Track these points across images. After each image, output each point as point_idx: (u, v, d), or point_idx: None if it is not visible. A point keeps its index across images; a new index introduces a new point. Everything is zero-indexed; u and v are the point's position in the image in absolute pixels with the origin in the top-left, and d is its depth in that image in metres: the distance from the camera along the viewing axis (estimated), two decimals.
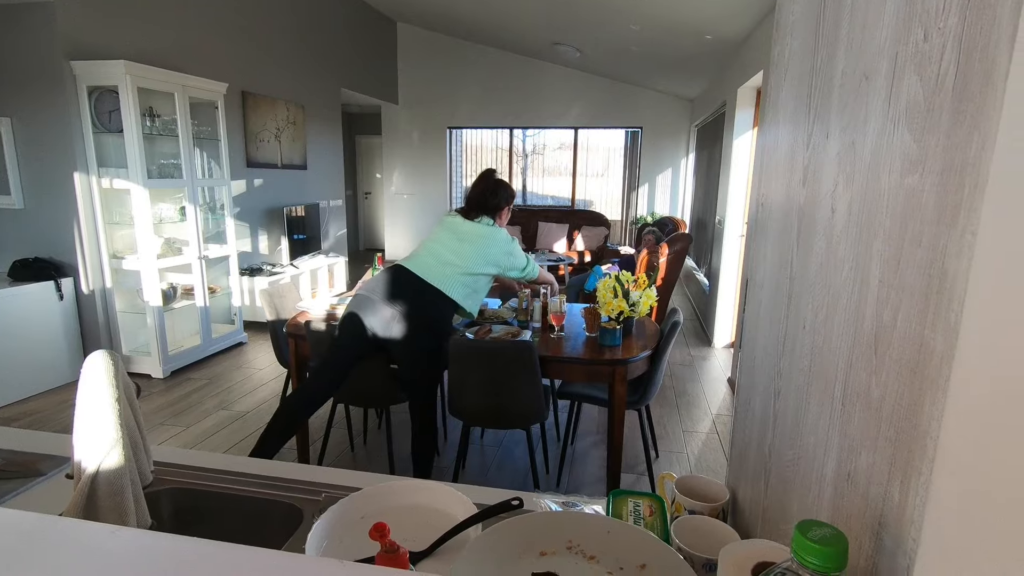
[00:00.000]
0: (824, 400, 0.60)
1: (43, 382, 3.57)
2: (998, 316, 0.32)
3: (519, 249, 2.53)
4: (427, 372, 2.39)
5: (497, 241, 2.43)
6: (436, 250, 2.39)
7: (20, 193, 3.65)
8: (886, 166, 0.49)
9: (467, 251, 2.37)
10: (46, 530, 0.46)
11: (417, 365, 2.36)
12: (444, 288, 2.32)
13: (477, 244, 2.39)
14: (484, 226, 2.41)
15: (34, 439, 1.21)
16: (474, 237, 2.39)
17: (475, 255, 2.38)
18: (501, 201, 2.46)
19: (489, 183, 2.47)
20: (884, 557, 0.45)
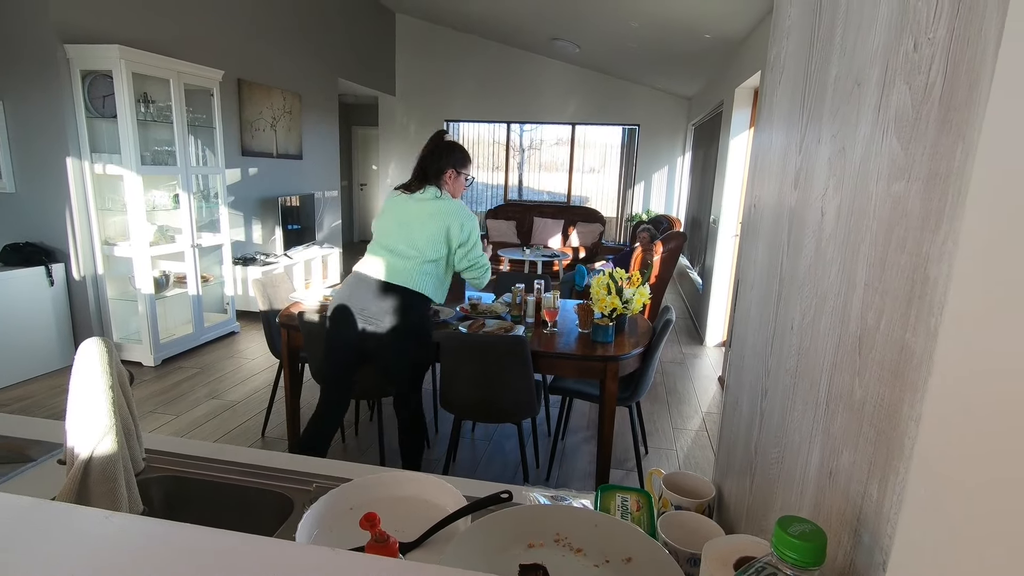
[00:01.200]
0: (809, 399, 0.61)
1: (33, 368, 3.55)
2: (976, 321, 0.33)
3: (478, 233, 2.16)
4: (414, 375, 2.25)
5: (446, 213, 2.07)
6: (390, 244, 2.12)
7: (11, 177, 3.62)
8: (874, 172, 0.50)
9: (418, 238, 2.09)
10: (40, 514, 0.46)
11: (404, 373, 2.22)
12: (413, 285, 2.10)
13: (426, 225, 2.08)
14: (430, 201, 2.09)
15: (24, 425, 1.20)
16: (423, 218, 2.08)
17: (428, 240, 2.08)
18: (444, 164, 2.11)
19: (433, 145, 2.14)
20: (862, 553, 0.47)
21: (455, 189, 2.17)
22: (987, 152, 0.33)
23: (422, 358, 2.27)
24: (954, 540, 0.32)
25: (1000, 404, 0.30)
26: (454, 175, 2.14)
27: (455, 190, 2.17)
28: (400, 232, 2.11)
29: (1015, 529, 0.28)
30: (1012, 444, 0.29)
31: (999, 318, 0.30)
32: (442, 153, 2.12)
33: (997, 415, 0.30)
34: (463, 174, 2.18)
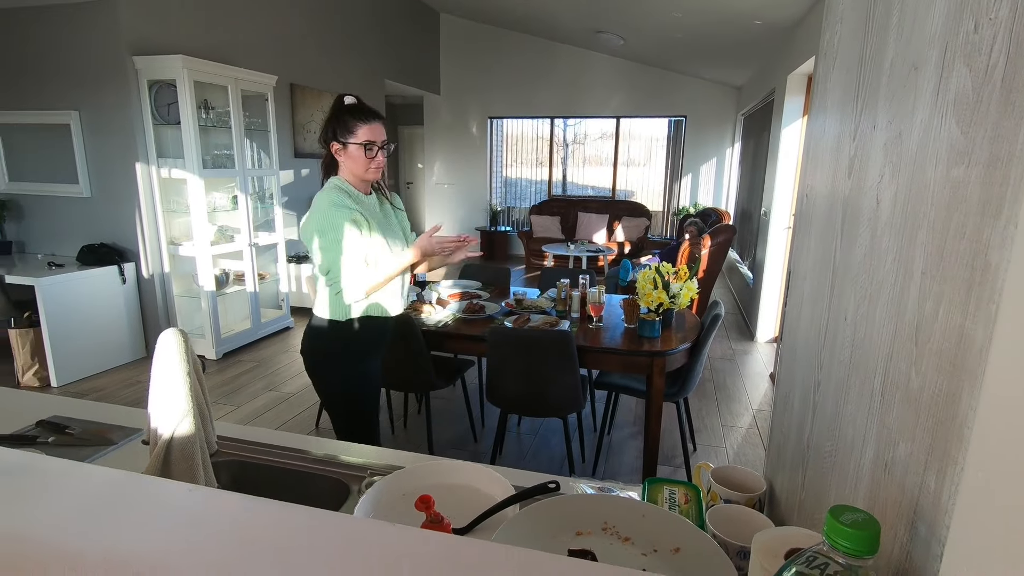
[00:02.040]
0: (864, 391, 0.60)
1: (107, 361, 3.81)
2: None
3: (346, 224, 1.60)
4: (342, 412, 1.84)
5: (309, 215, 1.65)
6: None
7: (87, 182, 3.88)
8: (932, 157, 0.49)
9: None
10: (133, 485, 0.51)
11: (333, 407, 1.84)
12: (315, 309, 1.77)
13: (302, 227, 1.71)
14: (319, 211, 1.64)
15: (106, 411, 1.30)
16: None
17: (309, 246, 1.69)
18: (329, 134, 1.65)
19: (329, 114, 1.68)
20: (918, 545, 0.46)
21: (353, 166, 1.65)
22: None
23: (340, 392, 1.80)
24: (1011, 528, 0.32)
25: None
26: (339, 149, 1.65)
27: (354, 168, 1.66)
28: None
29: None
30: None
31: None
32: (328, 122, 1.66)
33: None
34: (350, 144, 1.63)
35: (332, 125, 1.66)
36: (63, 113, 3.77)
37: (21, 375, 3.53)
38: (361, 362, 1.79)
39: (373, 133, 1.65)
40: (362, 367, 1.79)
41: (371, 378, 1.84)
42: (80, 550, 0.45)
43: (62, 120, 3.79)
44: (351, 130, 1.64)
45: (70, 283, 3.54)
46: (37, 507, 0.49)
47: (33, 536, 0.46)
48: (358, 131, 1.64)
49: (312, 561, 0.45)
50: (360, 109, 1.66)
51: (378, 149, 1.66)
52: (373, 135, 1.65)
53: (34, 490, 0.51)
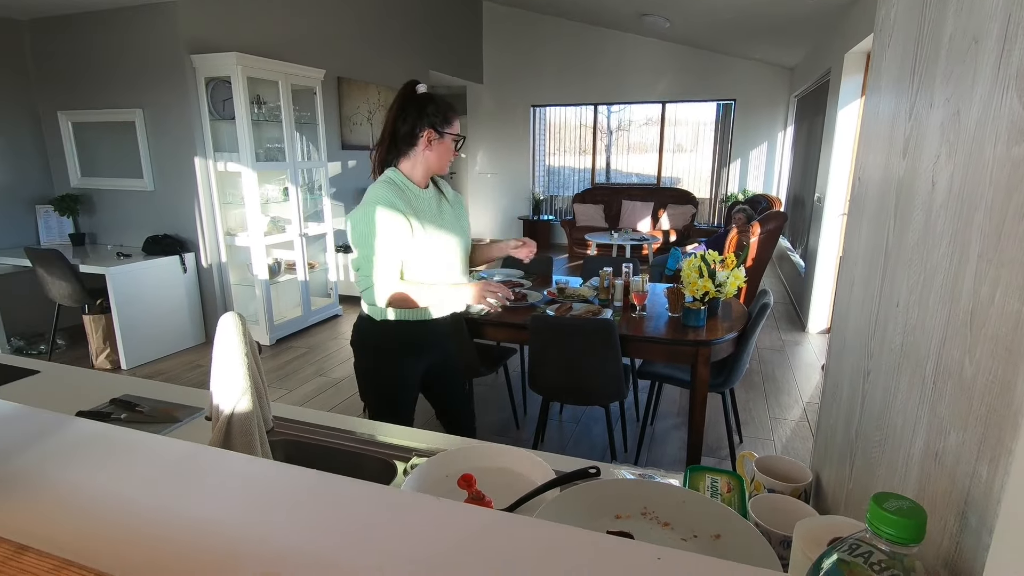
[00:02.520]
0: (915, 379, 0.58)
1: (170, 345, 4.03)
2: None
3: (379, 245, 1.55)
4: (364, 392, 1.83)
5: (353, 227, 1.59)
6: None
7: (151, 176, 4.10)
8: (992, 135, 0.47)
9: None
10: (200, 455, 0.56)
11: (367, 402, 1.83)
12: (364, 302, 1.73)
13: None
14: (363, 205, 1.59)
15: (171, 391, 1.39)
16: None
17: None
18: (417, 124, 1.57)
19: (402, 99, 1.60)
20: (968, 536, 0.45)
21: (440, 157, 1.63)
22: None
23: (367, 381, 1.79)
24: None
25: None
26: (434, 136, 1.59)
27: (440, 159, 1.63)
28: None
29: None
30: None
31: None
32: (412, 108, 1.59)
33: None
34: (447, 134, 1.61)
35: (431, 113, 1.59)
36: (128, 111, 3.99)
37: (95, 358, 3.79)
38: (396, 364, 1.72)
39: (460, 128, 1.69)
40: (397, 369, 1.73)
41: (406, 383, 1.76)
42: (152, 508, 0.49)
43: (127, 118, 4.01)
44: (450, 121, 1.62)
45: (137, 272, 3.77)
46: (118, 470, 0.54)
47: (117, 493, 0.51)
48: (455, 123, 1.64)
49: (359, 527, 0.48)
50: (452, 103, 1.67)
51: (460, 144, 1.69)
52: (460, 130, 1.69)
53: (114, 456, 0.56)
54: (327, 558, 0.45)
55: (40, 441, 0.58)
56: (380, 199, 1.56)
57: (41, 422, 0.62)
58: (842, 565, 0.47)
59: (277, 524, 0.48)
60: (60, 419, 0.62)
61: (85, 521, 0.46)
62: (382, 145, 1.65)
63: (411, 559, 0.45)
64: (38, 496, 0.49)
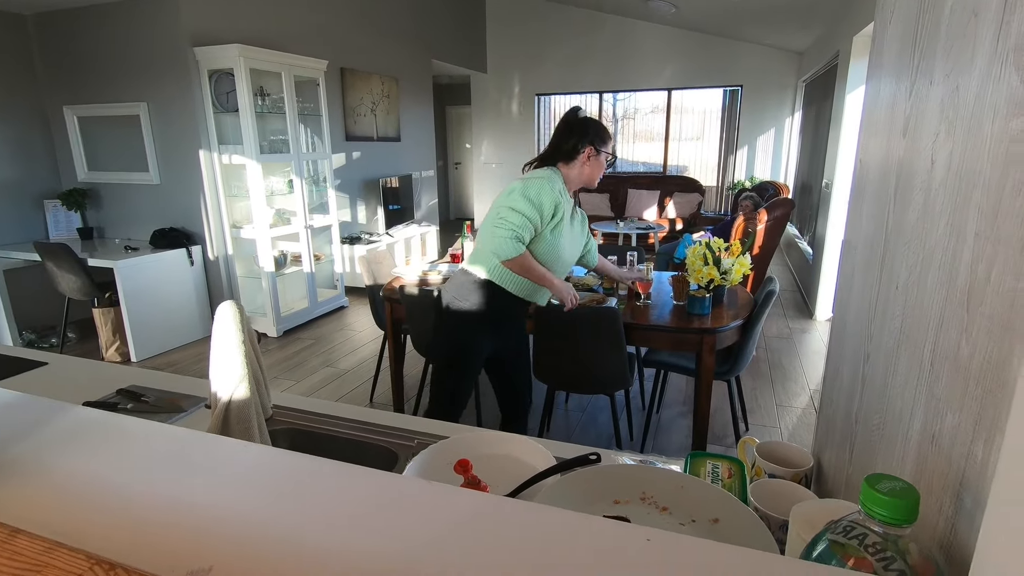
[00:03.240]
0: (913, 362, 0.57)
1: (179, 338, 4.07)
2: None
3: (527, 208, 1.78)
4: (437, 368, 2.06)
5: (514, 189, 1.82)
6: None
7: (156, 170, 4.12)
8: (990, 111, 0.46)
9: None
10: (195, 441, 0.56)
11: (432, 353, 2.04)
12: (471, 267, 1.93)
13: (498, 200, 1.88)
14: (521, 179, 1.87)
15: (177, 382, 1.40)
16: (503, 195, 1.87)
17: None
18: (579, 142, 1.87)
19: (566, 122, 1.92)
20: (963, 517, 0.44)
21: (594, 170, 1.92)
22: None
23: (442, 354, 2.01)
24: None
25: None
26: (593, 153, 1.89)
27: (594, 172, 1.92)
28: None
29: None
30: None
31: None
32: (573, 129, 1.89)
33: None
34: (603, 152, 1.92)
35: (590, 131, 1.89)
36: (133, 105, 4.00)
37: (105, 351, 3.83)
38: (479, 330, 1.94)
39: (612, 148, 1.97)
40: (476, 335, 1.95)
41: (480, 351, 1.98)
42: (144, 492, 0.49)
43: (132, 111, 4.02)
44: (606, 141, 1.92)
45: (144, 265, 3.79)
46: (113, 456, 0.55)
47: (110, 479, 0.51)
48: (609, 143, 1.94)
49: (351, 511, 0.48)
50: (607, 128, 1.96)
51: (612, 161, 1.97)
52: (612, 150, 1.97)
53: (112, 443, 0.57)
54: (318, 541, 0.45)
55: (38, 429, 0.59)
56: (548, 178, 1.84)
57: (40, 410, 0.63)
58: (836, 547, 0.47)
59: (270, 508, 0.48)
60: (59, 407, 0.63)
61: (77, 505, 0.47)
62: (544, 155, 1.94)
63: (403, 542, 0.45)
64: (33, 482, 0.50)
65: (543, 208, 1.81)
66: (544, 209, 1.81)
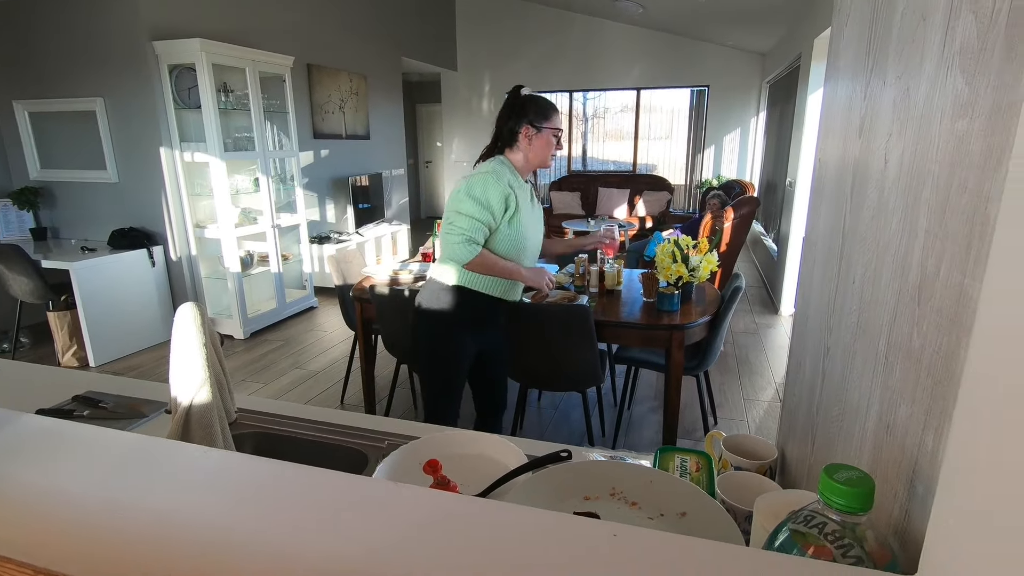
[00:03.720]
0: (869, 354, 0.59)
1: (141, 341, 3.94)
2: (1022, 257, 0.31)
3: (474, 208, 1.71)
4: (424, 379, 2.01)
5: (459, 190, 1.76)
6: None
7: (115, 167, 3.97)
8: (938, 111, 0.47)
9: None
10: (153, 448, 0.54)
11: (416, 364, 2.01)
12: (438, 274, 1.88)
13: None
14: (466, 177, 1.79)
15: (138, 386, 1.36)
16: (451, 196, 1.81)
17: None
18: (516, 124, 1.75)
19: (505, 105, 1.80)
20: (916, 504, 0.46)
21: (539, 150, 1.77)
22: None
23: (426, 365, 1.96)
24: (995, 474, 0.32)
25: None
26: (532, 132, 1.75)
27: (539, 152, 1.78)
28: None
29: None
30: None
31: None
32: (513, 111, 1.76)
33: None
34: (544, 129, 1.75)
35: (527, 109, 1.76)
36: (88, 100, 3.85)
37: (61, 356, 3.68)
38: (458, 335, 1.89)
39: (561, 123, 1.81)
40: (457, 340, 1.90)
41: (466, 354, 1.93)
42: (101, 502, 0.48)
43: (87, 107, 3.87)
44: (548, 117, 1.77)
45: (102, 267, 3.66)
46: (66, 465, 0.53)
47: (63, 489, 0.49)
48: (554, 119, 1.78)
49: (316, 515, 0.47)
50: (551, 102, 1.81)
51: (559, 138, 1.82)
52: (561, 125, 1.81)
53: (63, 452, 0.55)
54: (281, 547, 0.44)
55: None
56: (493, 171, 1.76)
57: None
58: (797, 536, 0.48)
59: (232, 514, 0.47)
60: (6, 416, 0.60)
61: (27, 517, 0.45)
62: (490, 145, 1.86)
63: (368, 545, 0.44)
64: None
65: (491, 205, 1.73)
66: (493, 205, 1.73)
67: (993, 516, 0.32)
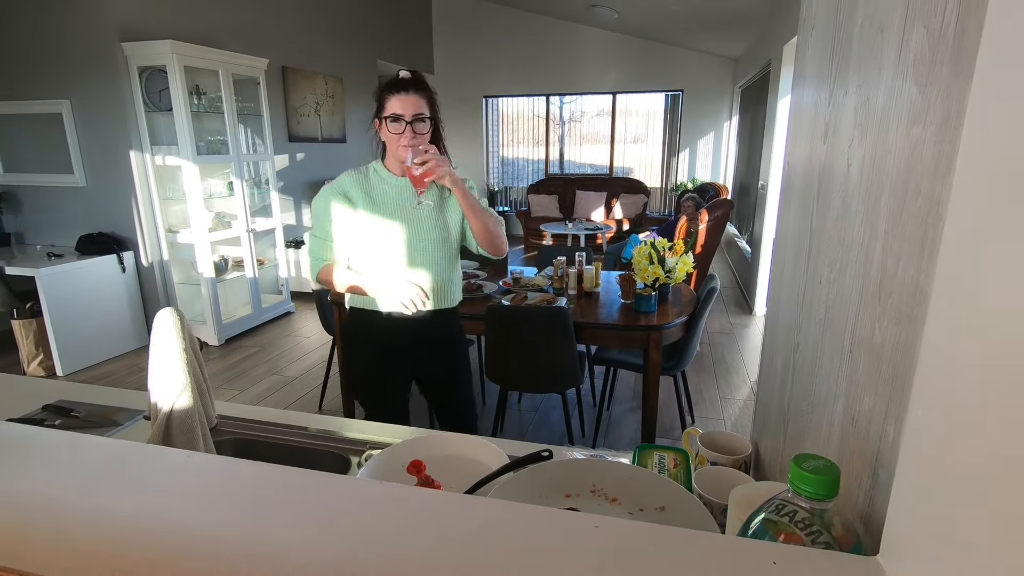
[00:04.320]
0: (835, 350, 0.62)
1: (112, 348, 3.85)
2: (967, 256, 0.34)
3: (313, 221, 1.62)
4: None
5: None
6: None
7: (82, 171, 3.88)
8: (895, 119, 0.50)
9: None
10: (136, 454, 0.54)
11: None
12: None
13: None
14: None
15: (110, 395, 1.33)
16: None
17: None
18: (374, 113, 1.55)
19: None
20: (879, 491, 0.48)
21: (389, 143, 1.54)
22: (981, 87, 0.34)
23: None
24: (953, 463, 0.34)
25: (985, 328, 0.31)
26: (380, 127, 1.54)
27: (390, 145, 1.54)
28: None
29: (1004, 448, 0.30)
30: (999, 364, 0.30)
31: (987, 251, 0.32)
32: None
33: (986, 338, 0.32)
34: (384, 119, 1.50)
35: (376, 102, 1.54)
36: (54, 103, 3.75)
37: (27, 365, 3.57)
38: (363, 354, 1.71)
39: (403, 105, 1.48)
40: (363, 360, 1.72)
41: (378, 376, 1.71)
42: (84, 508, 0.47)
43: (53, 109, 3.77)
44: (382, 103, 1.51)
45: (70, 273, 3.57)
46: (43, 471, 0.52)
47: (40, 495, 0.49)
48: (387, 103, 1.49)
49: (303, 515, 0.48)
50: (398, 81, 1.50)
51: (407, 124, 1.48)
52: (402, 107, 1.48)
53: (38, 458, 0.54)
54: (268, 547, 0.45)
55: None
56: (334, 182, 1.61)
57: None
58: (769, 524, 0.51)
59: (217, 516, 0.47)
60: None
61: (5, 524, 0.44)
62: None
63: (354, 541, 0.45)
64: None
65: (319, 215, 1.59)
66: (320, 215, 1.59)
67: (945, 497, 0.35)
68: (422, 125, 1.50)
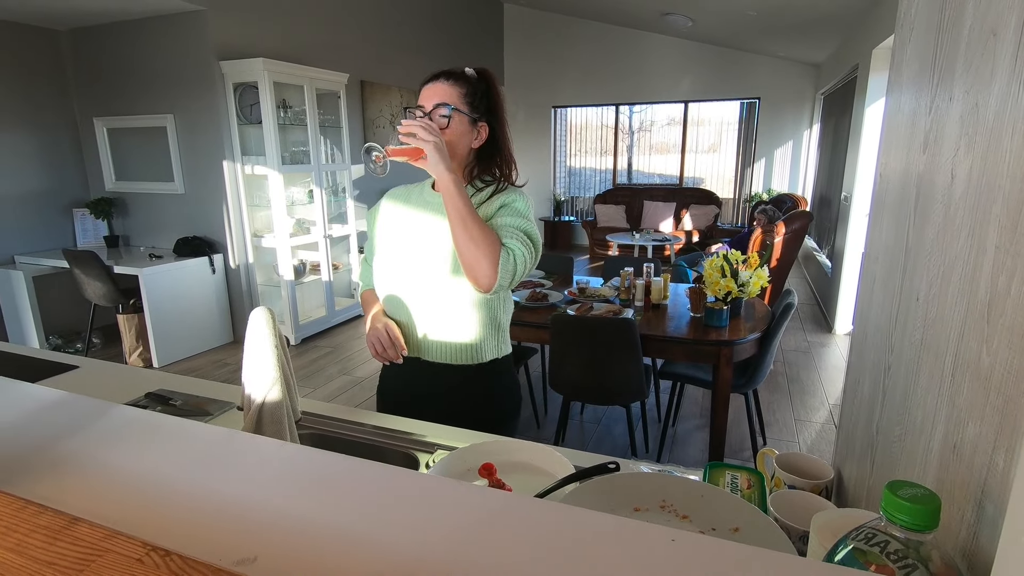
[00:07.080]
0: (934, 373, 0.58)
1: (200, 344, 4.14)
2: None
3: (368, 229, 1.45)
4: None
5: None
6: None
7: (181, 179, 4.22)
8: (1009, 127, 0.47)
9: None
10: (234, 440, 0.59)
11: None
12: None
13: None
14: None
15: (203, 386, 1.44)
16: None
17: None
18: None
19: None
20: (985, 525, 0.45)
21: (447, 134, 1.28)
22: None
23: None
24: None
25: None
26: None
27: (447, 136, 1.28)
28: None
29: None
30: None
31: None
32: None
33: None
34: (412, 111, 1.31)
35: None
36: (160, 117, 4.11)
37: (128, 356, 3.91)
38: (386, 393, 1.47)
39: (425, 95, 1.30)
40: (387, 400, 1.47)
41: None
42: (189, 490, 0.52)
43: (159, 123, 4.13)
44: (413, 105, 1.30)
45: (168, 273, 3.88)
46: (158, 452, 0.58)
47: (159, 473, 0.54)
48: (420, 93, 1.31)
49: (384, 506, 0.50)
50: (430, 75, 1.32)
51: (424, 115, 1.28)
52: (425, 97, 1.30)
53: (154, 439, 0.60)
54: (352, 533, 0.47)
55: (86, 425, 0.62)
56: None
57: (86, 408, 0.66)
58: (858, 554, 0.48)
59: (308, 502, 0.50)
60: (104, 405, 0.66)
61: (130, 497, 0.49)
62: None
63: (433, 534, 0.46)
64: (86, 474, 0.53)
65: (368, 231, 1.43)
66: (369, 231, 1.43)
67: None
68: (444, 118, 1.26)
